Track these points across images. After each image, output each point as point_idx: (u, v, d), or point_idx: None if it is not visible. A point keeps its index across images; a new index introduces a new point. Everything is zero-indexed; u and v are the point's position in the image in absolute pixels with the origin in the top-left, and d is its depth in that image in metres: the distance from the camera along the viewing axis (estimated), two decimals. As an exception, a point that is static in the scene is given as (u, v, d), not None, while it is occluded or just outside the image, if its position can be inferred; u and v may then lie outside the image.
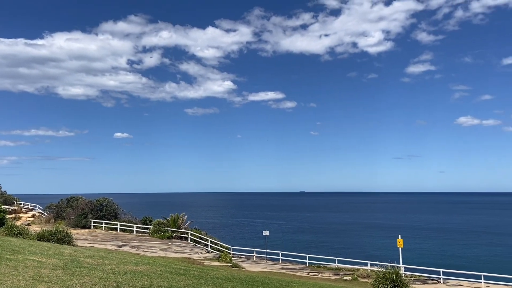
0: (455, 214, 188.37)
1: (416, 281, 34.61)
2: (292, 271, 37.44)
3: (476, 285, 33.65)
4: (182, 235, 48.60)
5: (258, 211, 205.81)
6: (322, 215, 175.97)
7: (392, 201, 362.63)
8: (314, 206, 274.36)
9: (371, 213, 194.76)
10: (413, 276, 36.98)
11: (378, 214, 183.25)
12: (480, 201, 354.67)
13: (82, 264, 14.41)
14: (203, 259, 35.58)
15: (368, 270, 36.73)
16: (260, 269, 36.78)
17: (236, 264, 36.15)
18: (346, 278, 34.18)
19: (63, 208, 58.88)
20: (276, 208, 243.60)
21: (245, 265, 38.83)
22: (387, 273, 22.48)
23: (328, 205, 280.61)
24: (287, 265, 42.22)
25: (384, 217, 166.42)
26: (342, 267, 41.44)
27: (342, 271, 38.68)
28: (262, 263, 42.68)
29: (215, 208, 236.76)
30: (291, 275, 33.82)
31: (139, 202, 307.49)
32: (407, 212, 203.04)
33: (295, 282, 21.56)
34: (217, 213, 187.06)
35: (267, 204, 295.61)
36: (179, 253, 38.02)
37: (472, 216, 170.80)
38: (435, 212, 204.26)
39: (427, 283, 34.42)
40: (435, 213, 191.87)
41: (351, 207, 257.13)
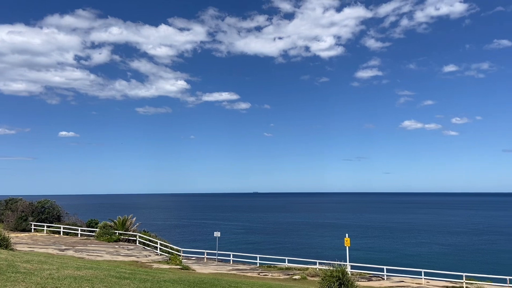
0: (399, 213, 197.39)
1: (361, 278, 35.80)
2: (243, 271, 37.46)
3: (417, 281, 35.35)
4: (130, 238, 47.19)
5: (211, 212, 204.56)
6: (274, 216, 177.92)
7: (341, 201, 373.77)
8: (266, 206, 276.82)
9: (321, 213, 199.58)
10: (359, 273, 38.24)
11: (328, 214, 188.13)
12: (423, 201, 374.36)
13: (18, 269, 13.55)
14: (151, 262, 34.73)
15: (316, 269, 37.51)
16: (211, 270, 36.48)
17: (186, 266, 35.62)
18: (296, 277, 34.70)
19: (1, 211, 55.34)
20: (229, 209, 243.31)
21: (196, 267, 38.36)
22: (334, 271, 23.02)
23: (280, 206, 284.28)
24: (238, 266, 42.20)
25: (333, 217, 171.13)
26: (292, 267, 42.02)
27: (291, 271, 39.23)
28: (213, 265, 42.37)
29: (166, 210, 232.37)
30: (242, 275, 33.83)
31: (85, 204, 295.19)
32: (355, 211, 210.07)
33: (244, 282, 21.56)
34: (168, 215, 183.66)
35: (219, 205, 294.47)
36: (126, 256, 36.86)
37: (414, 215, 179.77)
38: (381, 211, 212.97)
39: (372, 280, 35.70)
40: (380, 213, 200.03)
41: (302, 207, 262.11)
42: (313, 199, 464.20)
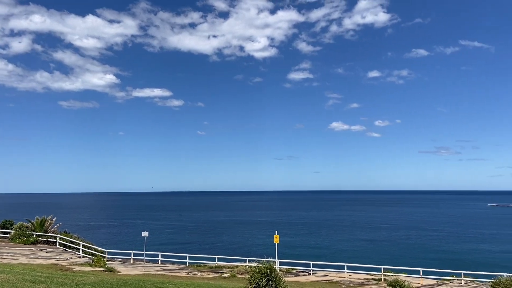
0: (326, 210, 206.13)
1: (289, 274, 36.79)
2: (171, 272, 36.73)
3: (340, 274, 37.10)
4: (49, 240, 44.14)
5: (139, 212, 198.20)
6: (205, 215, 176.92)
7: (272, 199, 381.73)
8: (198, 205, 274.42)
9: (253, 211, 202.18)
10: (287, 269, 39.25)
11: (259, 212, 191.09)
12: (349, 199, 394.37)
13: None
14: (73, 265, 32.79)
15: (246, 266, 37.86)
16: (137, 271, 35.30)
17: (111, 268, 34.13)
18: (225, 275, 34.75)
19: None
20: (159, 208, 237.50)
21: (121, 268, 36.90)
22: (262, 268, 23.35)
23: (212, 205, 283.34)
24: (166, 266, 41.28)
25: (264, 214, 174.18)
26: (222, 265, 42.02)
27: (221, 269, 39.23)
28: (140, 266, 41.04)
29: (91, 210, 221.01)
30: (170, 276, 33.16)
31: (2, 203, 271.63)
32: (285, 209, 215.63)
33: (172, 283, 21.14)
34: (93, 215, 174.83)
35: (149, 205, 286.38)
36: (44, 259, 34.45)
37: (340, 212, 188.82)
38: (310, 209, 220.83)
39: (299, 275, 36.85)
40: (309, 210, 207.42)
41: (234, 206, 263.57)
42: (245, 197, 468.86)
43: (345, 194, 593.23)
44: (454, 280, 33.35)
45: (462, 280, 32.67)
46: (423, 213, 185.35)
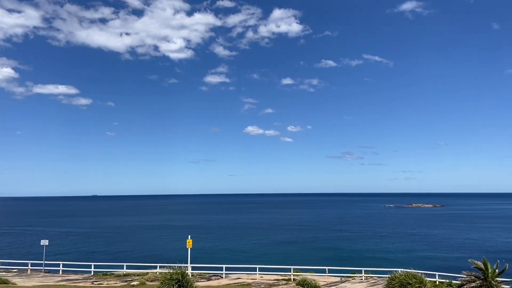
0: (241, 213, 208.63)
1: (201, 278, 36.46)
2: (74, 282, 34.24)
3: (252, 276, 37.71)
4: None
5: (39, 218, 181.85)
6: (113, 220, 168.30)
7: (187, 203, 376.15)
8: (105, 210, 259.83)
9: (165, 215, 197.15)
10: (199, 274, 38.86)
11: (172, 216, 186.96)
12: (263, 201, 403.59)
13: None
14: (-45, 280, 28.97)
15: (157, 273, 36.72)
16: (35, 283, 32.31)
17: (4, 280, 30.84)
18: (134, 283, 33.33)
19: None
20: (61, 214, 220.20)
21: (17, 280, 33.52)
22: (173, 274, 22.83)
23: (121, 209, 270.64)
24: (69, 276, 38.39)
25: (178, 219, 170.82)
26: (131, 273, 40.27)
27: (130, 277, 37.57)
28: (39, 276, 37.62)
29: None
30: (73, 286, 30.89)
31: None
32: (199, 213, 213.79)
33: (74, 294, 19.67)
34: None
35: (50, 210, 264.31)
36: None
37: (254, 215, 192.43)
38: (224, 212, 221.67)
39: (211, 280, 36.70)
40: (224, 213, 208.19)
41: (146, 210, 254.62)
42: (158, 201, 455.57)
43: (259, 197, 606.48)
44: (356, 277, 35.75)
45: (363, 276, 35.15)
46: (330, 214, 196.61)
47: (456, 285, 27.60)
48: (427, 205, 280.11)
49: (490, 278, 24.66)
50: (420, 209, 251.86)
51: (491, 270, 24.92)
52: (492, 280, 24.60)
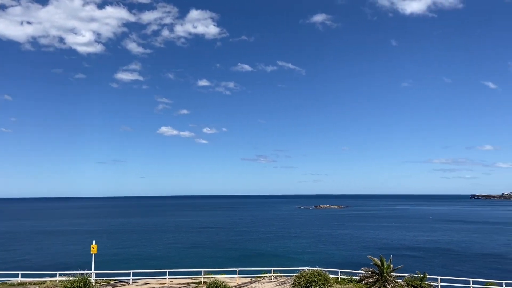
0: (151, 216, 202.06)
1: (106, 285, 34.52)
2: (-45, 296, 30.24)
3: (161, 281, 36.63)
4: None
5: None
6: (7, 224, 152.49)
7: (93, 206, 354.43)
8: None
9: (68, 219, 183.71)
10: (104, 281, 36.75)
11: (76, 220, 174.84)
12: (176, 204, 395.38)
13: None
14: None
15: (56, 281, 33.93)
16: None
17: None
18: (29, 294, 30.39)
19: None
20: None
21: None
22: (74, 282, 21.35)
23: (15, 213, 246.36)
24: None
25: (81, 223, 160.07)
26: (27, 281, 36.71)
27: (26, 286, 34.25)
28: None
29: None
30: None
31: None
32: (106, 216, 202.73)
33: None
34: None
35: None
36: None
37: (166, 218, 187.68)
38: (133, 215, 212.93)
39: (117, 286, 34.91)
40: (133, 216, 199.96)
41: (45, 214, 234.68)
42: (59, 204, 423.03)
43: (172, 199, 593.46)
44: (265, 276, 36.61)
45: (272, 276, 36.12)
46: (242, 216, 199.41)
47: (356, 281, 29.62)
48: (333, 206, 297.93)
49: (385, 273, 26.88)
50: (327, 210, 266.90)
51: (386, 265, 27.17)
52: (387, 275, 26.83)
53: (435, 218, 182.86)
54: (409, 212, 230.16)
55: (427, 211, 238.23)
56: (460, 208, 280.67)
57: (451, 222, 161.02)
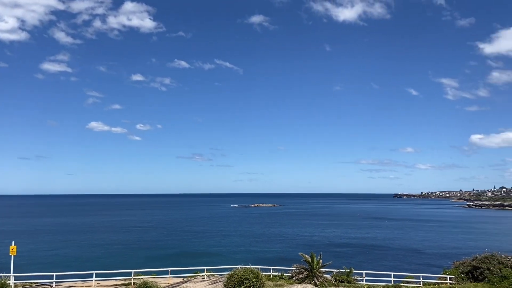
0: (78, 215, 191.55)
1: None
2: None
3: (88, 283, 34.86)
4: None
5: None
6: None
7: (14, 205, 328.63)
8: None
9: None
10: (24, 284, 34.22)
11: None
12: (106, 203, 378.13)
13: None
14: None
15: (-34, 287, 30.96)
16: None
17: None
18: None
19: None
20: None
21: None
22: (-12, 288, 19.59)
23: None
24: None
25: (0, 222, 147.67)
26: None
27: None
28: None
29: None
30: None
31: None
32: (29, 215, 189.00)
33: None
34: None
35: None
36: None
37: (94, 217, 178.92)
38: (58, 214, 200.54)
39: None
40: (58, 216, 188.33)
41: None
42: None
43: (103, 198, 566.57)
44: (198, 276, 36.28)
45: (205, 275, 35.89)
46: (177, 215, 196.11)
47: (287, 277, 30.39)
48: (267, 205, 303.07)
49: (315, 270, 27.86)
50: (261, 208, 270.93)
51: (316, 262, 28.16)
52: (316, 271, 27.82)
53: (362, 215, 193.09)
54: (339, 210, 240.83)
55: (355, 209, 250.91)
56: (385, 206, 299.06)
57: (376, 219, 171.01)
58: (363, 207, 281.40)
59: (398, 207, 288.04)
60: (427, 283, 30.36)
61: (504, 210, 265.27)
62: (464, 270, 30.02)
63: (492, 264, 28.98)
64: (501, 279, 27.96)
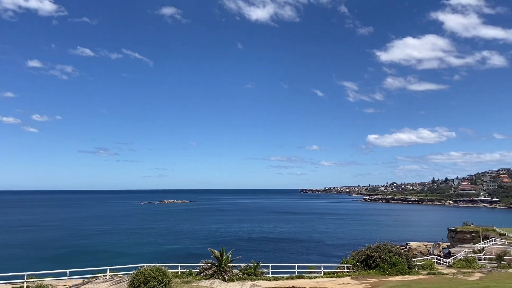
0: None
1: None
2: None
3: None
4: None
5: None
6: None
7: None
8: None
9: None
10: None
11: None
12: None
13: None
14: None
15: None
16: None
17: None
18: None
19: None
20: None
21: None
22: None
23: None
24: None
25: None
26: None
27: None
28: None
29: None
30: None
31: None
32: None
33: None
34: None
35: None
36: None
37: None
38: None
39: None
40: None
41: None
42: None
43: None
44: (100, 276, 34.37)
45: (108, 275, 34.14)
46: (78, 212, 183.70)
47: (195, 273, 30.20)
48: (177, 201, 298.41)
49: (223, 264, 28.09)
50: (171, 204, 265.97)
51: (225, 257, 28.41)
52: (225, 266, 28.06)
53: (271, 210, 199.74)
54: (249, 206, 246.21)
55: (264, 204, 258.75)
56: (291, 201, 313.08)
57: (283, 213, 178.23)
58: (272, 202, 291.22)
59: (304, 202, 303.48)
60: (327, 272, 32.36)
61: (394, 203, 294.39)
62: (359, 259, 32.49)
63: (383, 253, 31.81)
64: (390, 266, 30.88)
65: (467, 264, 35.09)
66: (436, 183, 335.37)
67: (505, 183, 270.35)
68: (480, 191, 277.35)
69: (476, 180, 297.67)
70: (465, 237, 74.35)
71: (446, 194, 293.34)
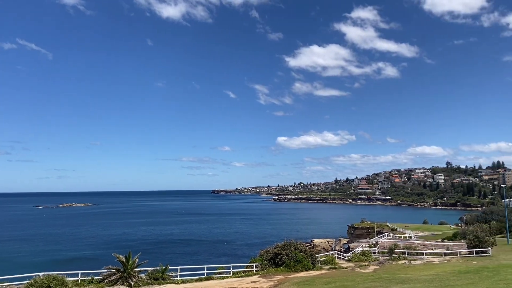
0: None
1: None
2: None
3: None
4: None
5: None
6: None
7: None
8: None
9: None
10: None
11: None
12: None
13: None
14: None
15: None
16: None
17: None
18: None
19: None
20: None
21: None
22: None
23: None
24: None
25: None
26: None
27: None
28: None
29: None
30: None
31: None
32: None
33: None
34: None
35: None
36: None
37: None
38: None
39: None
40: None
41: None
42: None
43: None
44: (-14, 290, 30.79)
45: None
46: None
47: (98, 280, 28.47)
48: (79, 204, 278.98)
49: (129, 270, 26.89)
50: (72, 208, 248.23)
51: (131, 262, 27.22)
52: (131, 271, 26.88)
53: (181, 212, 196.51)
54: (158, 208, 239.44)
55: (174, 206, 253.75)
56: (203, 202, 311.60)
57: (194, 215, 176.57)
58: (183, 204, 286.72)
59: (215, 203, 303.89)
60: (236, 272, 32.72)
61: (301, 202, 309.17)
62: (267, 257, 33.41)
63: (289, 250, 33.14)
64: (296, 263, 32.27)
65: (364, 258, 38.03)
66: (338, 183, 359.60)
67: (397, 183, 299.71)
68: (376, 190, 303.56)
69: (372, 180, 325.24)
70: (362, 232, 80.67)
71: (347, 193, 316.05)
